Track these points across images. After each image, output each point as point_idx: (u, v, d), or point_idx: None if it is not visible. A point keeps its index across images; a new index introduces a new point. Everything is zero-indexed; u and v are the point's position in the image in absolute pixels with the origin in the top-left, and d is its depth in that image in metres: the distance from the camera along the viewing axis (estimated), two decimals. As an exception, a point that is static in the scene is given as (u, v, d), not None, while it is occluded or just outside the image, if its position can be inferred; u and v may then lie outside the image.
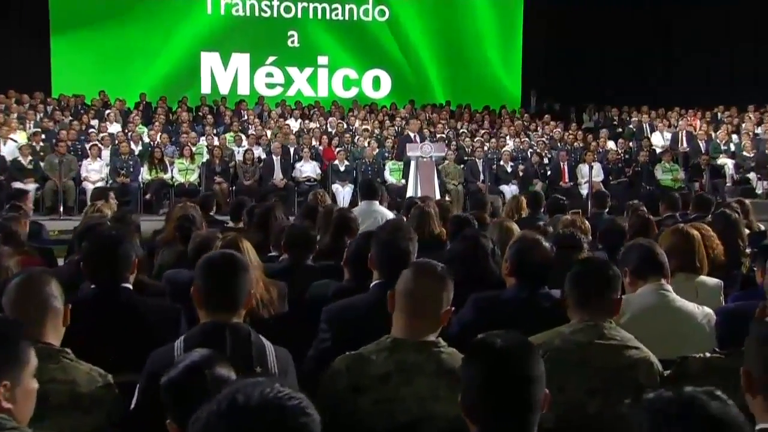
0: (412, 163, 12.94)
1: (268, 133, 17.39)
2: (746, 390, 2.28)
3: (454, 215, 6.40)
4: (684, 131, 18.69)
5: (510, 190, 15.56)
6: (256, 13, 22.17)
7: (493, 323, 3.75)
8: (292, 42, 22.48)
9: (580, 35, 22.96)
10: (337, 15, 22.68)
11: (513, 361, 2.21)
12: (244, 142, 16.51)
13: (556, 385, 3.01)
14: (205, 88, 21.81)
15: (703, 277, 4.65)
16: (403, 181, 15.05)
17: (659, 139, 18.90)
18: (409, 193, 12.84)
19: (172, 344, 2.82)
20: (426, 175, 12.77)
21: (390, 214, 8.00)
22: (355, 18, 22.82)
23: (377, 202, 8.27)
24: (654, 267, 3.99)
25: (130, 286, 3.56)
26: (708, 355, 3.04)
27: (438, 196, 12.83)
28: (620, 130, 20.13)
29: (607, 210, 8.76)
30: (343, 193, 15.18)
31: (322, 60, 22.76)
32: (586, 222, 5.80)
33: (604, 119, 21.68)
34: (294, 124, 18.95)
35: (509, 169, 16.08)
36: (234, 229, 7.50)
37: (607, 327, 3.14)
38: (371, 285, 3.80)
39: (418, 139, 14.53)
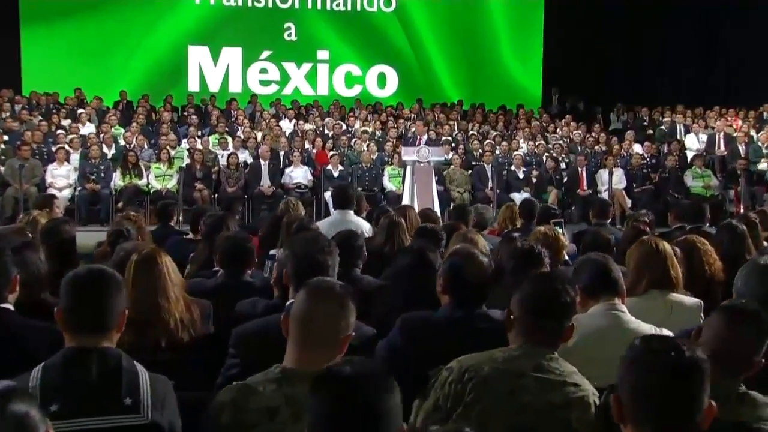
0: (408, 169, 12.88)
1: (259, 135, 17.41)
2: (617, 419, 2.31)
3: (420, 226, 6.35)
4: (722, 133, 18.44)
5: (521, 198, 15.46)
6: (250, 3, 22.29)
7: (424, 346, 3.76)
8: (289, 35, 22.57)
9: (607, 28, 22.89)
10: (338, 5, 22.76)
11: (360, 392, 2.15)
12: (230, 146, 16.53)
13: (476, 418, 2.98)
14: (193, 86, 21.97)
15: (680, 296, 4.60)
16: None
17: (694, 142, 18.73)
18: (405, 201, 12.77)
19: (29, 372, 2.78)
20: (423, 182, 12.69)
21: (366, 225, 7.95)
22: (359, 8, 22.90)
23: (352, 212, 8.20)
24: (606, 285, 3.94)
25: (10, 306, 3.54)
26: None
27: (437, 205, 12.79)
28: (651, 131, 20.00)
29: (609, 221, 8.69)
30: (336, 201, 15.13)
31: (322, 55, 22.82)
32: (562, 235, 5.75)
33: (634, 120, 21.55)
34: (287, 126, 18.98)
35: (521, 175, 16.01)
36: (193, 240, 7.52)
37: (547, 357, 3.08)
38: (287, 304, 3.77)
39: (422, 141, 14.53)
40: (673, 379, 2.27)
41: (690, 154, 17.73)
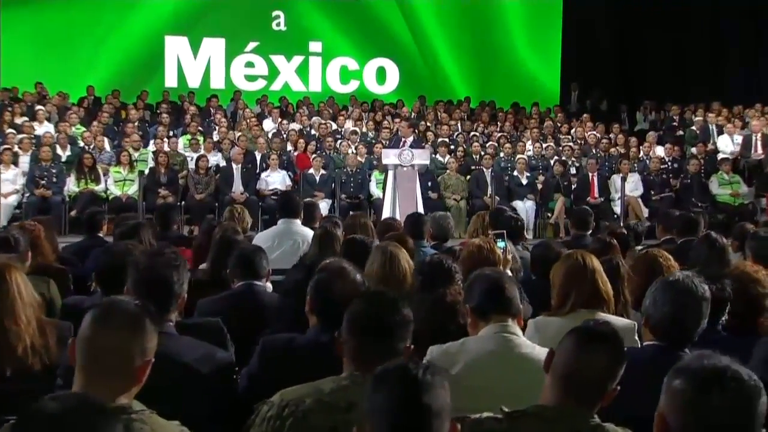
0: (390, 173, 12.82)
1: (237, 136, 17.32)
2: None
3: (347, 238, 6.28)
4: (759, 134, 18.25)
5: (525, 206, 15.41)
6: (234, -11, 22.31)
7: (284, 374, 3.69)
8: (278, 24, 22.61)
9: (636, 15, 22.73)
10: (333, -9, 22.75)
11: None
12: (202, 148, 16.49)
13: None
14: (171, 81, 22.00)
15: (611, 316, 4.56)
16: (391, 195, 14.93)
17: (727, 144, 18.48)
18: (386, 210, 12.71)
19: None
20: (405, 188, 12.60)
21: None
22: (356, -5, 22.88)
23: (299, 221, 8.17)
24: (498, 304, 3.87)
25: None
26: (484, 415, 2.92)
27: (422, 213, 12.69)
28: (681, 132, 19.84)
29: (590, 232, 8.59)
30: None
31: (315, 47, 22.85)
32: (499, 249, 5.65)
33: (663, 119, 21.39)
34: (271, 126, 18.97)
35: (524, 181, 15.91)
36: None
37: None
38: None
39: (407, 143, 14.46)
40: (402, 396, 2.34)
41: (727, 158, 17.48)
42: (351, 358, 3.10)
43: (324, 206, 15.22)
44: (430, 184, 15.42)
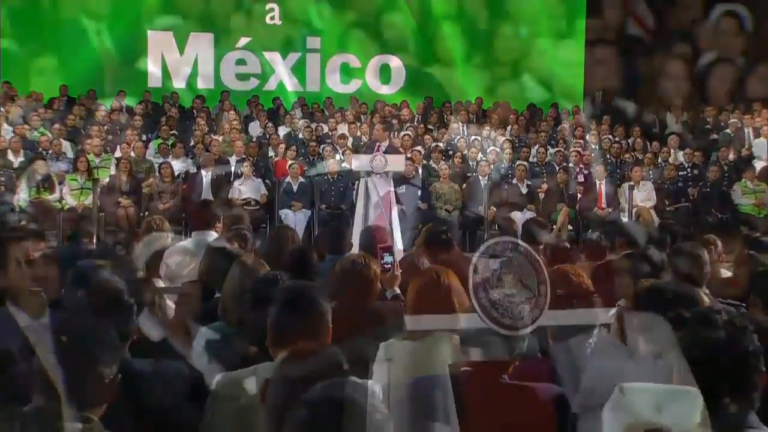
0: (361, 182, 12.68)
1: (219, 140, 17.28)
2: None
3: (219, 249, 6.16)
4: (799, 137, 18.04)
5: (524, 218, 15.19)
6: (223, -21, 22.25)
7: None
8: (272, 18, 22.50)
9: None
10: (332, -19, 22.66)
11: None
12: (171, 154, 16.45)
13: None
14: (153, 81, 21.90)
15: None
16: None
17: (764, 149, 18.25)
18: (357, 222, 12.57)
19: None
20: (377, 198, 12.45)
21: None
22: (358, -14, 22.80)
23: (215, 233, 8.04)
24: (296, 325, 3.70)
25: None
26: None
27: (397, 226, 12.57)
28: (715, 136, 19.56)
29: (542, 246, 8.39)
30: (295, 220, 14.98)
31: (313, 43, 22.70)
32: (375, 264, 5.49)
33: (695, 122, 21.08)
34: (257, 130, 18.94)
35: (524, 190, 15.72)
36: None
37: (87, 428, 2.87)
38: None
39: (381, 149, 14.32)
40: None
41: (759, 165, 17.23)
42: None
43: (302, 218, 15.14)
44: (419, 193, 15.29)
